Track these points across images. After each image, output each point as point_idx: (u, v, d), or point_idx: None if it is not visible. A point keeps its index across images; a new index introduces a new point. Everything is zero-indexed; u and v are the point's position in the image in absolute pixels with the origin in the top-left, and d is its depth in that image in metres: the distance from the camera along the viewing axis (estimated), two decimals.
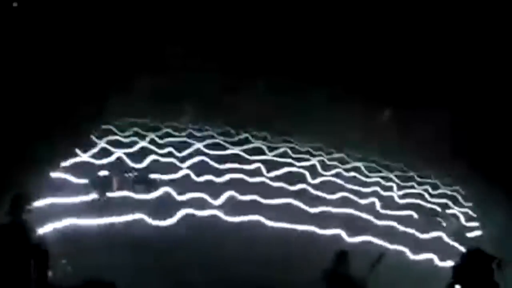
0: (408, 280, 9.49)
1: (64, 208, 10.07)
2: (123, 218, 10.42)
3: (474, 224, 12.53)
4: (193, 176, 11.70)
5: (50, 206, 9.91)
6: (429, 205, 12.96)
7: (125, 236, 9.90)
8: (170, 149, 12.14)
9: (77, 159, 10.95)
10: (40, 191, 9.51)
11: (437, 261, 11.74)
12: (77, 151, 10.90)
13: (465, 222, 12.70)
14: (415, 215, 12.53)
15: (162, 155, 11.95)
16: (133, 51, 9.56)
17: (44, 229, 9.16)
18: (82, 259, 8.30)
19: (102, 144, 11.62)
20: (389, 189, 13.00)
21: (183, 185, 11.43)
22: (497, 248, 9.63)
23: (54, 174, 10.13)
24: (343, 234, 11.08)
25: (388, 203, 12.49)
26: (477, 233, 12.21)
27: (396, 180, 13.23)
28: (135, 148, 11.97)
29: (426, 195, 13.24)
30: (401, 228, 11.97)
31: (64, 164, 10.49)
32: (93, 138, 11.34)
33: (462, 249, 5.16)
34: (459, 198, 13.26)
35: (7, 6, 8.50)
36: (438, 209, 12.94)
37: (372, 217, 11.97)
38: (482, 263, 4.42)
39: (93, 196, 10.49)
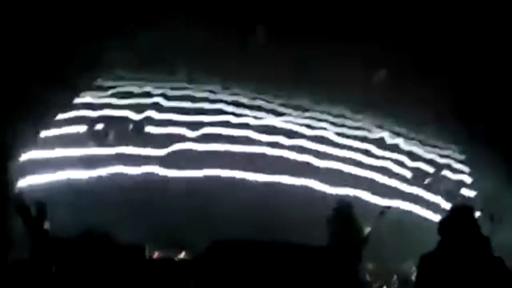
0: (399, 235, 9.63)
1: (60, 160, 10.10)
2: (119, 170, 10.48)
3: (468, 181, 12.63)
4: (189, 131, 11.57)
5: (46, 158, 9.95)
6: (423, 163, 12.97)
7: (122, 190, 9.98)
8: (173, 103, 11.85)
9: (74, 112, 10.83)
10: (36, 142, 9.56)
11: (429, 218, 11.91)
12: (74, 102, 10.79)
13: (459, 179, 12.77)
14: (410, 173, 12.58)
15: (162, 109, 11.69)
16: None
17: (38, 182, 9.24)
18: (77, 212, 8.38)
19: (98, 95, 11.41)
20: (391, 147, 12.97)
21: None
22: (491, 205, 9.82)
23: (50, 125, 10.15)
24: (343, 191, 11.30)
25: (384, 159, 12.54)
26: (471, 191, 12.32)
27: (394, 139, 13.18)
28: (133, 100, 11.71)
29: (421, 153, 13.22)
30: (396, 184, 12.07)
31: (61, 116, 10.47)
32: (89, 88, 11.16)
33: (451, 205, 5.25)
34: (455, 156, 13.30)
35: None
36: (432, 167, 12.97)
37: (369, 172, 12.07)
38: (467, 218, 4.48)
39: (90, 148, 10.48)
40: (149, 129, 11.17)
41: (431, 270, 4.39)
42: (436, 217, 11.32)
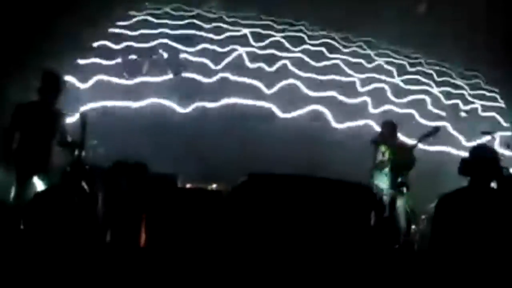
0: (435, 176, 9.54)
1: (94, 89, 10.15)
2: (153, 101, 10.51)
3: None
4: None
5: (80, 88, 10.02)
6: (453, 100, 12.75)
7: (156, 120, 10.05)
8: (208, 34, 11.68)
9: (106, 42, 10.78)
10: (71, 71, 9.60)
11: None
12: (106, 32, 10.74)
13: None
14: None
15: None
16: None
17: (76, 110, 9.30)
18: (114, 141, 8.46)
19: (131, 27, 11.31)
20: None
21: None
22: None
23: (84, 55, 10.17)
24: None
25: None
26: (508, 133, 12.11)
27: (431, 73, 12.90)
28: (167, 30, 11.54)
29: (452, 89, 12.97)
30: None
31: (94, 45, 10.46)
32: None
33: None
34: (486, 95, 13.03)
35: None
36: (461, 104, 12.76)
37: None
38: (488, 157, 4.39)
39: (123, 78, 10.49)
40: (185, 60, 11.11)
41: (447, 210, 4.34)
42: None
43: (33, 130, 6.34)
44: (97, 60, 10.44)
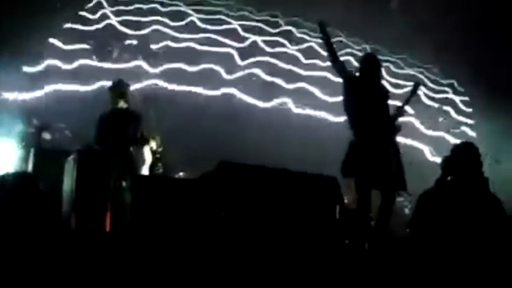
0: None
1: (58, 72, 10.01)
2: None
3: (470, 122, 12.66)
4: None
5: (45, 70, 9.86)
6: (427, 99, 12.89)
7: None
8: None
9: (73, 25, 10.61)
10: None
11: (429, 154, 11.98)
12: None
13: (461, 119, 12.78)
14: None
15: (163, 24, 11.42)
16: None
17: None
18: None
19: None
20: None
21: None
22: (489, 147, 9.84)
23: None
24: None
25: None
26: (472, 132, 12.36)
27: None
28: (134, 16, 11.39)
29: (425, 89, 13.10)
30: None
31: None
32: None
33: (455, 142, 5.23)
34: (458, 96, 13.24)
35: None
36: (436, 103, 12.92)
37: None
38: (473, 156, 4.49)
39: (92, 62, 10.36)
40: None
41: (428, 206, 4.42)
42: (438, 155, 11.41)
43: None
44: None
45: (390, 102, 6.16)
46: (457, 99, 13.10)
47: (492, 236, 4.23)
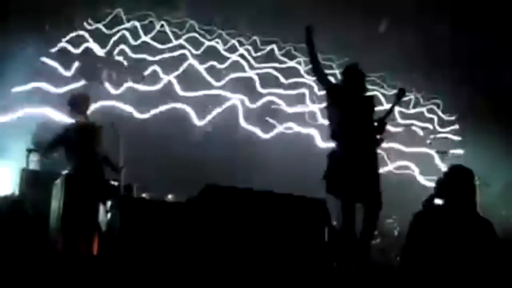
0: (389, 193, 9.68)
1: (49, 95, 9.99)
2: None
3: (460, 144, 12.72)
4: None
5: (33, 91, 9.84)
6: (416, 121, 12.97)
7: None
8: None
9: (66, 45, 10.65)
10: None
11: (419, 176, 12.02)
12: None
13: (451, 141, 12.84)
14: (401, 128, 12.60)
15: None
16: None
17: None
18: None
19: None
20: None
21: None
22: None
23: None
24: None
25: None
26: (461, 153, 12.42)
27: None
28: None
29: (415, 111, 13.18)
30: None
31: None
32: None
33: (446, 166, 5.19)
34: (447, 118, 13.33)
35: None
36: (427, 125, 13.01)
37: None
38: (465, 179, 4.47)
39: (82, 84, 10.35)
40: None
41: (422, 227, 4.42)
42: (426, 177, 11.47)
43: None
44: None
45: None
46: (443, 117, 13.18)
47: (487, 262, 4.22)
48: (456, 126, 13.06)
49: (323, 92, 6.18)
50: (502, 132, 11.38)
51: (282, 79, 12.18)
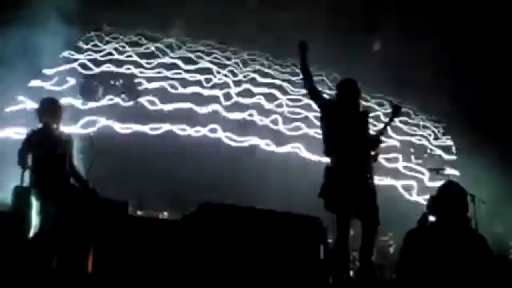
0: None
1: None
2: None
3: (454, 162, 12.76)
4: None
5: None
6: (412, 137, 13.02)
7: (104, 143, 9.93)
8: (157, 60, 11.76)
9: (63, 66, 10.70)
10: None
11: (413, 193, 12.03)
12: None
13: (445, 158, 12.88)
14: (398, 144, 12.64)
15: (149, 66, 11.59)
16: None
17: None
18: None
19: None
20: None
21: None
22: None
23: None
24: None
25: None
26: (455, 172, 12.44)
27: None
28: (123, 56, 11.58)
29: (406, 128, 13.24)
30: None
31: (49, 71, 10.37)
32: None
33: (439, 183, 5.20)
34: (441, 134, 13.37)
35: None
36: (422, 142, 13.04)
37: None
38: (458, 196, 4.49)
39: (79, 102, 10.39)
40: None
41: (416, 244, 4.42)
42: (419, 194, 11.48)
43: None
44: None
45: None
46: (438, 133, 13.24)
47: (481, 277, 4.22)
48: (450, 143, 13.12)
49: (316, 108, 6.13)
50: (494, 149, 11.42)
51: None
